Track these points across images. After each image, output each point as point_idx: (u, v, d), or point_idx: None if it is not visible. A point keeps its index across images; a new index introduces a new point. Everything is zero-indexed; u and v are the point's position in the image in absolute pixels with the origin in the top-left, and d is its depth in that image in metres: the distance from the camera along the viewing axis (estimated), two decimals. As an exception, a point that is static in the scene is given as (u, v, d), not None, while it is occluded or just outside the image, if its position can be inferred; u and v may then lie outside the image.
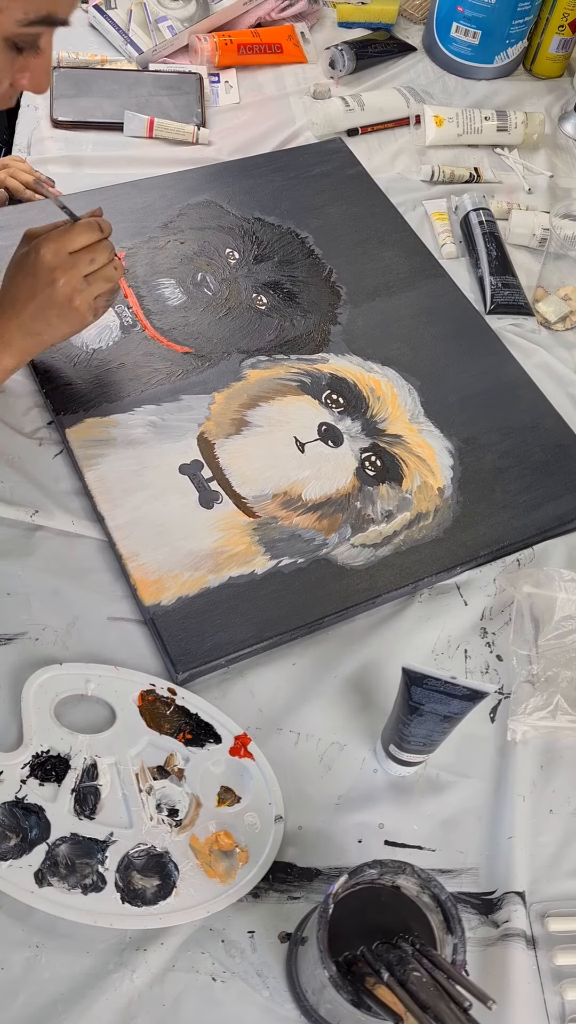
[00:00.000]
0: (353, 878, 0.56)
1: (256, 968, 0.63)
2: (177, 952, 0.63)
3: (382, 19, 1.35)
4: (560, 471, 0.90)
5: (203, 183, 1.09)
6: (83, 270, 0.79)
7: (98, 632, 0.76)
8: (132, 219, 1.04)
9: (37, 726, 0.70)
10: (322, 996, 0.57)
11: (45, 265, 0.78)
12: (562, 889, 0.69)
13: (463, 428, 0.92)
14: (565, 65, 1.35)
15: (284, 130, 1.20)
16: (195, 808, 0.68)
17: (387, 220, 1.10)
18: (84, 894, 0.63)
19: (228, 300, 0.99)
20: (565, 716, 0.75)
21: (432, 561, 0.82)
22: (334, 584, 0.79)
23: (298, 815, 0.70)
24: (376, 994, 0.53)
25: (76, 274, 0.79)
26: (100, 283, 0.81)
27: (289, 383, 0.92)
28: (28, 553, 0.79)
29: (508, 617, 0.81)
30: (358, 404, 0.91)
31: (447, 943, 0.56)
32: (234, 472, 0.85)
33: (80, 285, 0.79)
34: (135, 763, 0.69)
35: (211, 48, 1.23)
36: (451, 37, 1.29)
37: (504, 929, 0.66)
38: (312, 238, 1.06)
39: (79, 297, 0.79)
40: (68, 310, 0.79)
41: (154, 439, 0.86)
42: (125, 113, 1.14)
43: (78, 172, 1.10)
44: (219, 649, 0.74)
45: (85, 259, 0.79)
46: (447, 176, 1.17)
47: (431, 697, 0.64)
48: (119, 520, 0.81)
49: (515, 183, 1.19)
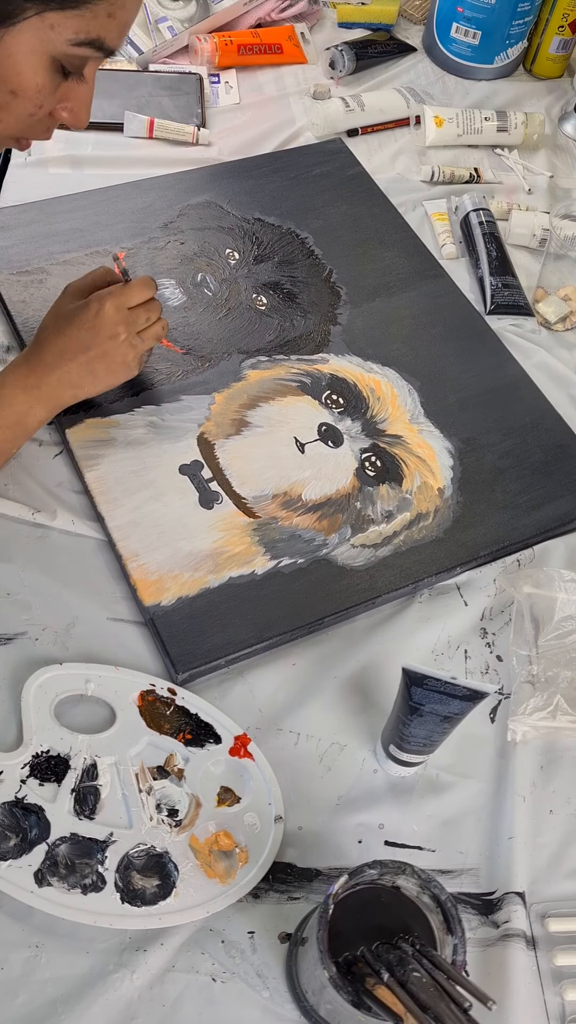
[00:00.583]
0: (353, 878, 0.56)
1: (256, 969, 0.63)
2: (177, 952, 0.63)
3: (382, 20, 1.35)
4: (560, 471, 0.90)
5: (203, 184, 1.09)
6: (139, 326, 0.82)
7: (98, 632, 0.76)
8: (132, 219, 1.04)
9: (37, 726, 0.70)
10: (322, 997, 0.57)
11: (109, 320, 0.80)
12: (562, 889, 0.69)
13: (463, 428, 0.92)
14: (565, 65, 1.35)
15: (284, 131, 1.20)
16: (195, 808, 0.68)
17: (387, 220, 1.10)
18: (84, 894, 0.63)
19: (228, 300, 0.99)
20: (565, 716, 0.75)
21: (432, 561, 0.82)
22: (334, 584, 0.79)
23: (298, 815, 0.70)
24: (376, 995, 0.53)
25: (133, 330, 0.82)
26: (150, 340, 0.84)
27: (289, 383, 0.92)
28: (28, 553, 0.79)
29: (508, 617, 0.81)
30: (358, 404, 0.91)
31: (447, 943, 0.56)
32: (234, 472, 0.85)
33: (135, 340, 0.82)
34: (135, 763, 0.69)
35: (211, 48, 1.23)
36: (451, 38, 1.29)
37: (504, 929, 0.66)
38: (312, 238, 1.06)
39: (132, 352, 0.82)
40: (120, 364, 0.82)
41: (154, 439, 0.86)
42: (125, 114, 1.14)
43: (78, 172, 1.10)
44: (219, 649, 0.74)
45: (143, 316, 0.82)
46: (447, 176, 1.17)
47: (431, 697, 0.64)
48: (119, 520, 0.81)
49: (515, 183, 1.19)
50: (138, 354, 0.83)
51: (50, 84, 0.63)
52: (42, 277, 0.96)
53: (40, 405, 0.80)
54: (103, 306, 0.80)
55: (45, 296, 0.94)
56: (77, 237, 1.01)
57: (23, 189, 1.06)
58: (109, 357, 0.81)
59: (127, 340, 0.81)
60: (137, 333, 0.82)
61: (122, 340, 0.81)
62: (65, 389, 0.80)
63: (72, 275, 0.96)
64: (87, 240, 1.01)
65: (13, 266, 0.97)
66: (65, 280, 0.86)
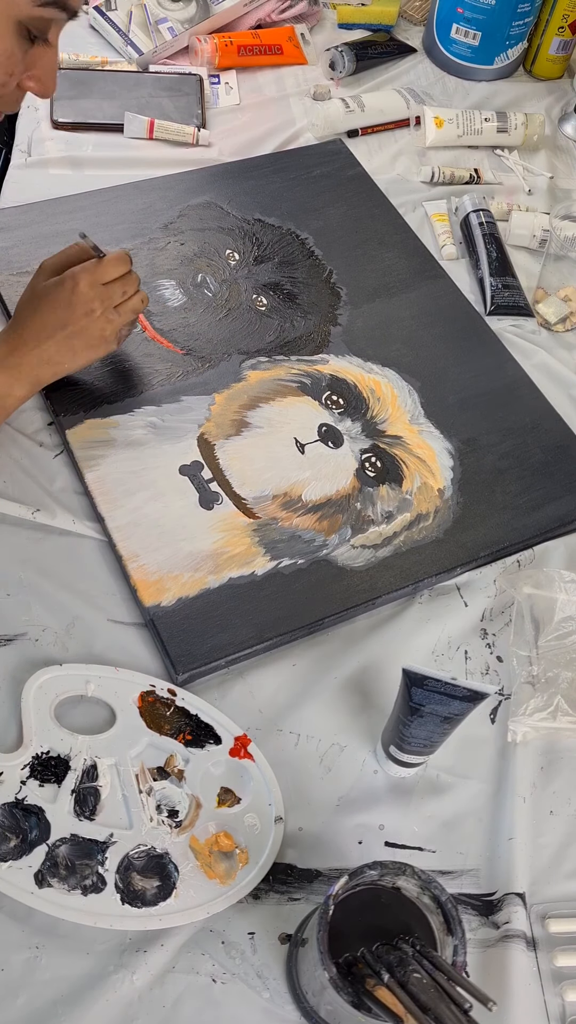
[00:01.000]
0: (353, 879, 0.56)
1: (256, 969, 0.63)
2: (177, 953, 0.63)
3: (382, 20, 1.35)
4: (560, 472, 0.90)
5: (203, 184, 1.09)
6: (115, 301, 0.82)
7: (98, 633, 0.76)
8: (132, 220, 1.04)
9: (37, 727, 0.70)
10: (322, 998, 0.57)
11: (82, 296, 0.80)
12: (562, 890, 0.69)
13: (463, 429, 0.92)
14: (565, 66, 1.35)
15: (284, 131, 1.20)
16: (195, 809, 0.68)
17: (387, 221, 1.10)
18: (84, 895, 0.63)
19: (228, 301, 0.99)
20: (565, 717, 0.75)
21: (432, 562, 0.82)
22: (334, 585, 0.79)
23: (298, 816, 0.70)
24: (376, 995, 0.53)
25: (109, 304, 0.81)
26: (128, 314, 0.84)
27: (289, 384, 0.92)
28: (28, 554, 0.79)
29: (508, 618, 0.81)
30: (358, 405, 0.91)
31: (447, 944, 0.56)
32: (234, 473, 0.85)
33: (112, 315, 0.82)
34: (135, 764, 0.69)
35: (211, 49, 1.23)
36: (451, 38, 1.29)
37: (504, 930, 0.66)
38: (312, 239, 1.06)
39: (109, 327, 0.82)
40: (98, 339, 0.82)
41: (154, 440, 0.86)
42: (125, 114, 1.14)
43: (78, 173, 1.10)
44: (219, 650, 0.74)
45: (118, 290, 0.82)
46: (447, 177, 1.17)
47: (431, 698, 0.63)
48: (119, 521, 0.81)
49: (515, 184, 1.19)
50: (115, 328, 0.83)
51: (19, 50, 0.64)
52: (42, 278, 0.96)
53: (19, 383, 0.80)
54: (77, 283, 0.80)
55: (45, 297, 0.94)
56: (77, 238, 1.00)
57: (23, 190, 1.06)
58: (87, 332, 0.81)
59: (103, 315, 0.81)
60: (114, 307, 0.82)
61: (98, 316, 0.81)
62: (44, 367, 0.81)
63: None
64: (87, 241, 1.01)
65: (14, 267, 0.97)
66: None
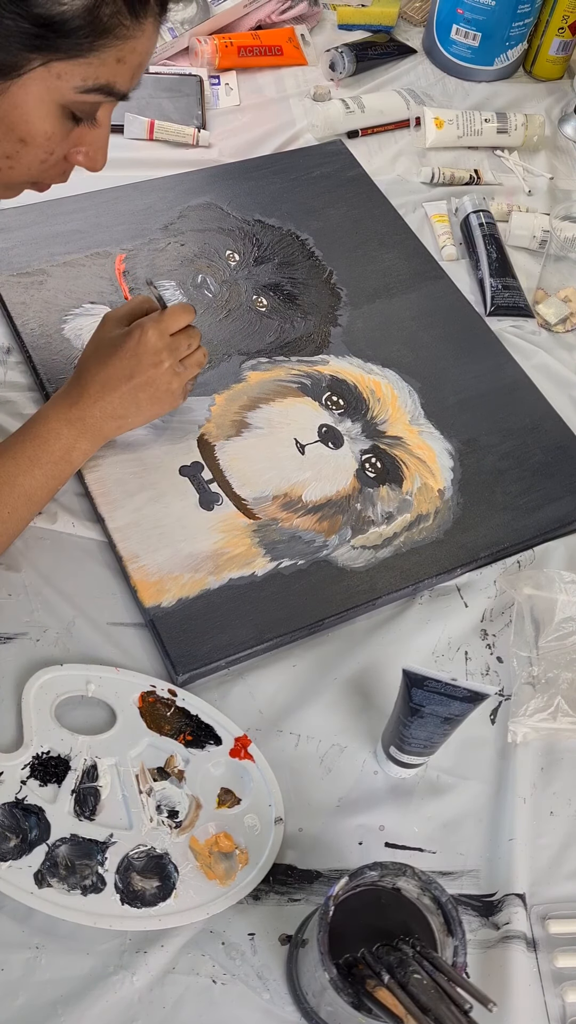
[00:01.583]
0: (353, 880, 0.56)
1: (256, 970, 0.63)
2: (177, 954, 0.63)
3: (382, 21, 1.35)
4: (560, 473, 0.90)
5: (203, 185, 1.09)
6: (182, 353, 0.80)
7: (98, 633, 0.76)
8: (132, 221, 1.04)
9: (37, 727, 0.70)
10: (323, 998, 0.57)
11: (151, 347, 0.77)
12: (563, 891, 0.69)
13: (463, 430, 0.92)
14: (565, 67, 1.35)
15: (284, 132, 1.20)
16: (195, 810, 0.68)
17: (387, 222, 1.10)
18: (84, 895, 0.63)
19: (228, 302, 0.99)
20: (566, 718, 0.75)
21: (432, 563, 0.82)
22: (334, 586, 0.79)
23: (298, 817, 0.70)
24: (377, 996, 0.53)
25: (176, 356, 0.79)
26: (193, 367, 0.82)
27: (289, 385, 0.92)
28: (29, 554, 0.79)
29: (508, 619, 0.81)
30: (358, 406, 0.91)
31: (448, 945, 0.56)
32: (234, 474, 0.85)
33: (179, 368, 0.80)
34: (135, 764, 0.69)
35: (211, 50, 1.23)
36: (451, 39, 1.29)
37: (505, 931, 0.66)
38: (312, 240, 1.06)
39: (176, 380, 0.80)
40: (164, 393, 0.79)
41: (154, 441, 0.86)
42: (125, 115, 1.14)
43: (79, 174, 1.10)
44: (219, 651, 0.74)
45: (184, 343, 0.80)
46: (447, 178, 1.17)
47: (431, 699, 0.63)
48: (119, 522, 0.81)
49: (515, 185, 1.19)
50: (182, 382, 0.81)
51: (60, 131, 0.61)
52: (42, 279, 0.96)
53: (84, 438, 0.77)
54: (145, 333, 0.77)
55: (45, 298, 0.94)
56: (77, 239, 1.01)
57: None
58: (153, 385, 0.78)
59: (171, 367, 0.79)
60: (180, 361, 0.80)
61: (166, 368, 0.78)
62: (109, 420, 0.78)
63: (72, 276, 0.97)
64: (87, 242, 1.01)
65: (13, 267, 0.97)
66: (65, 282, 0.86)
